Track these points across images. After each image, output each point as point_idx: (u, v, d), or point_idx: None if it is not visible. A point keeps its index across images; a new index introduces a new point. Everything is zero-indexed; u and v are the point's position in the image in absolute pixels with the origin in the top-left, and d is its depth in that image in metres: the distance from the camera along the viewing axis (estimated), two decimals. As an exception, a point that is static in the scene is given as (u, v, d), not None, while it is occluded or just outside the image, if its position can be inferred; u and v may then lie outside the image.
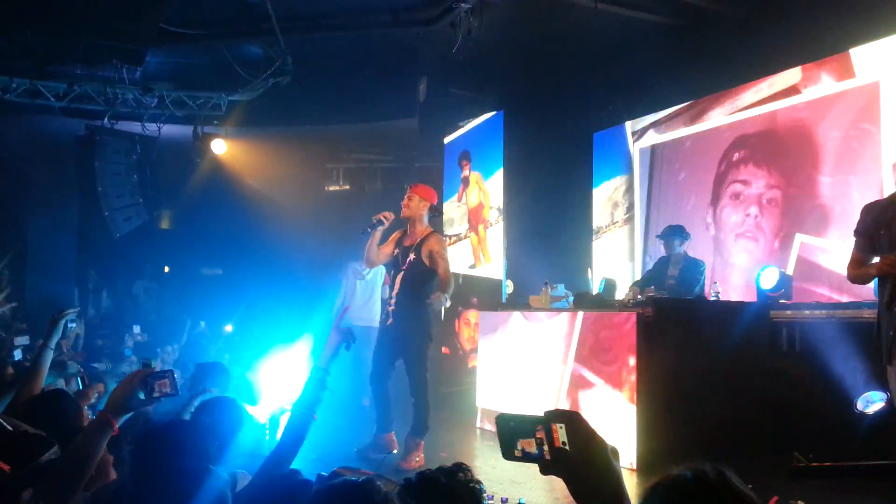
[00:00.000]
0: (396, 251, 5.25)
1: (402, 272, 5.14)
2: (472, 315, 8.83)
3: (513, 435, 1.29)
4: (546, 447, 1.26)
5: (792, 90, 6.44)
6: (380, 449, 5.09)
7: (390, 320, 5.13)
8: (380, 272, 8.50)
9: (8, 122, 8.81)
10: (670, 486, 1.19)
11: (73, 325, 7.99)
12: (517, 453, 1.28)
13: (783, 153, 6.52)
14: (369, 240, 5.20)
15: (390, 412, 5.18)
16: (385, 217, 5.20)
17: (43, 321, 8.47)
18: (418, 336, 5.13)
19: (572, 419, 1.25)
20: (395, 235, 5.37)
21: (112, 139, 9.37)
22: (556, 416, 1.27)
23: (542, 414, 1.28)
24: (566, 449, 1.24)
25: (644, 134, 8.06)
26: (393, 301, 5.15)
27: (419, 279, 5.10)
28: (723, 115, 7.13)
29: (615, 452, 1.26)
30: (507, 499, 3.60)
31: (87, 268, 10.01)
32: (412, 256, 5.13)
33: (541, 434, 1.26)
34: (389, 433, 5.17)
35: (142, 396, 2.08)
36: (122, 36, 8.08)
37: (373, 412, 5.39)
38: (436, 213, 5.47)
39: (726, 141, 7.10)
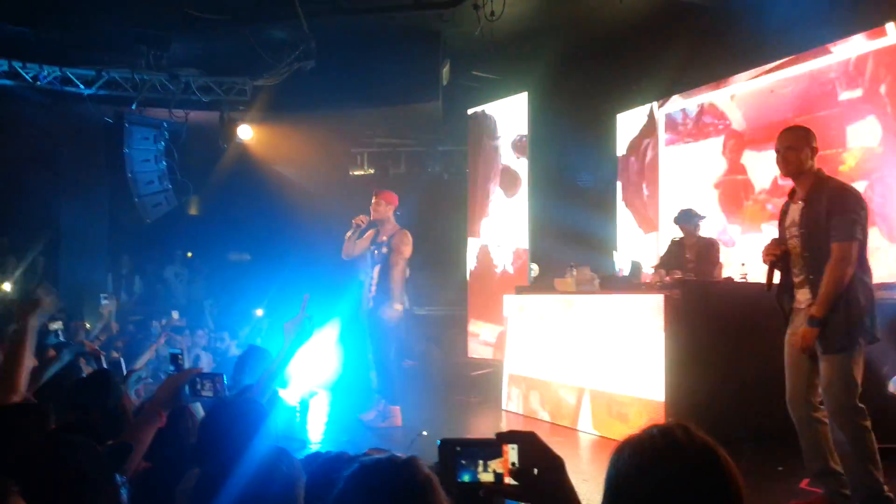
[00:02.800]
0: (372, 248, 6.23)
1: (379, 265, 6.12)
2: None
3: (456, 459, 1.22)
4: (492, 470, 1.20)
5: (822, 72, 6.34)
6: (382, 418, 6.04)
7: (370, 304, 6.18)
8: None
9: (39, 109, 8.94)
10: (637, 445, 1.17)
11: (106, 302, 8.09)
12: (460, 479, 1.21)
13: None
14: (347, 239, 6.21)
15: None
16: (360, 221, 6.15)
17: (77, 306, 8.69)
18: (387, 317, 6.10)
19: (525, 439, 1.21)
20: (369, 234, 6.26)
21: (140, 126, 9.47)
22: (508, 437, 1.22)
23: (493, 436, 1.22)
24: (515, 470, 1.19)
25: (667, 102, 7.97)
26: (373, 288, 6.16)
27: (392, 268, 6.08)
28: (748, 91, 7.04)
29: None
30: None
31: (120, 253, 10.16)
32: (384, 250, 6.12)
33: (489, 457, 1.21)
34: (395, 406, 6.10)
35: (187, 393, 2.17)
36: (147, 22, 8.16)
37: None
38: (397, 212, 6.34)
39: (751, 117, 7.01)
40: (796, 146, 3.40)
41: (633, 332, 5.35)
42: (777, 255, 3.44)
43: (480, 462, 1.21)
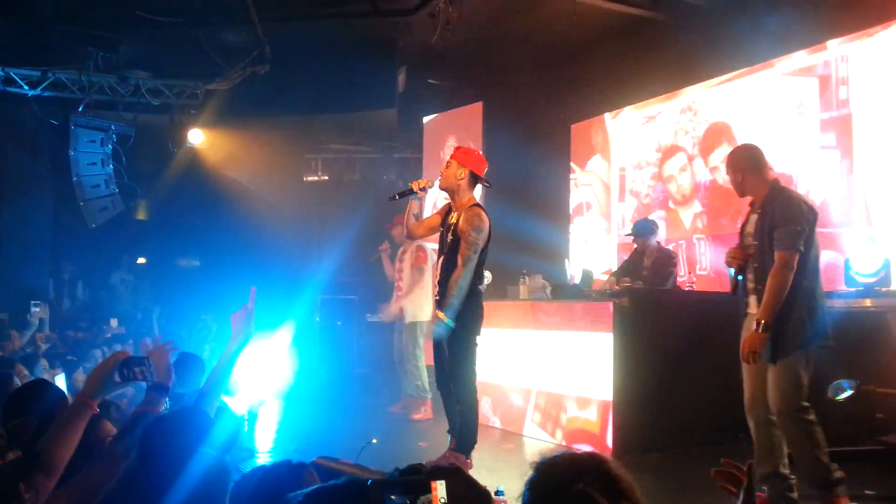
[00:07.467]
0: (442, 229, 4.40)
1: (444, 255, 4.34)
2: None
3: (386, 498, 1.26)
4: None
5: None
6: None
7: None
8: None
9: (-21, 110, 8.67)
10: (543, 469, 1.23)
11: (36, 309, 7.82)
12: None
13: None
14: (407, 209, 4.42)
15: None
16: (421, 185, 4.35)
17: (16, 311, 8.39)
18: (461, 328, 4.25)
19: (452, 474, 1.27)
20: (444, 208, 4.48)
21: (87, 128, 9.24)
22: (435, 473, 1.27)
23: (422, 474, 1.28)
24: None
25: (619, 118, 8.10)
26: (436, 290, 4.37)
27: (458, 258, 4.26)
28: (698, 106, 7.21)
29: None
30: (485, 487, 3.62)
31: (62, 258, 9.87)
32: (450, 237, 4.30)
33: (418, 493, 1.25)
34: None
35: (117, 379, 2.11)
36: (96, 22, 7.97)
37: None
38: (484, 183, 4.55)
39: (700, 132, 7.18)
40: (736, 171, 3.63)
41: (583, 338, 5.40)
42: (742, 260, 3.57)
43: (410, 498, 1.26)
